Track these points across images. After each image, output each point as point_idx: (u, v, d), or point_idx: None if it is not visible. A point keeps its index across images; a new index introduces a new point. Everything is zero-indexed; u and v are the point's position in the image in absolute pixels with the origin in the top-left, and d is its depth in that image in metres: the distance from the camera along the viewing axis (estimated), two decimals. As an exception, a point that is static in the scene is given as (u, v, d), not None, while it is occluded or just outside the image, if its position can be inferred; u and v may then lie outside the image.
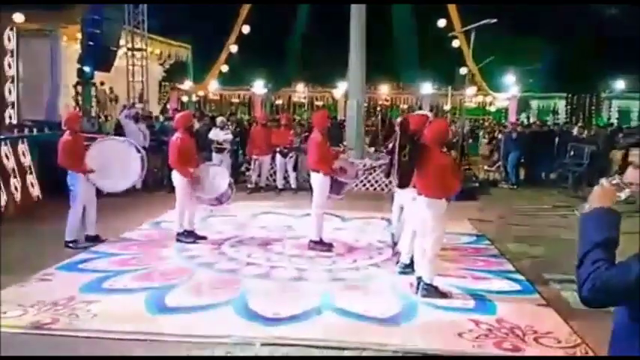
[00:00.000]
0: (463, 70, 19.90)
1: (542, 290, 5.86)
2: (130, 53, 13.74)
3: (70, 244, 6.90)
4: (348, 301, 5.26)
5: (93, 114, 13.12)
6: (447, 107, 25.76)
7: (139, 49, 13.94)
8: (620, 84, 27.44)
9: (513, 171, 13.98)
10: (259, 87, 28.91)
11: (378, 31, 23.15)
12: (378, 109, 28.68)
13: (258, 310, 4.94)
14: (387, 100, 30.10)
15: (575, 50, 25.86)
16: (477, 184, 13.14)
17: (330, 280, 5.92)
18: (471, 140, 19.11)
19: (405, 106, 28.87)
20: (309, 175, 7.38)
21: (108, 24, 11.34)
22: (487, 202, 11.79)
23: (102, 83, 16.01)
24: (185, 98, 26.81)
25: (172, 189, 7.25)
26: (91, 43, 11.09)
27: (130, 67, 13.75)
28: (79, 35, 11.60)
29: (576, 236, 2.02)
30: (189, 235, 7.12)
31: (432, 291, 5.44)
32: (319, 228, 7.02)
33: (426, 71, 26.21)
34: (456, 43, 22.16)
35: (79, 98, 12.84)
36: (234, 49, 25.14)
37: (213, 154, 11.88)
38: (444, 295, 5.47)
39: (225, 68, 26.20)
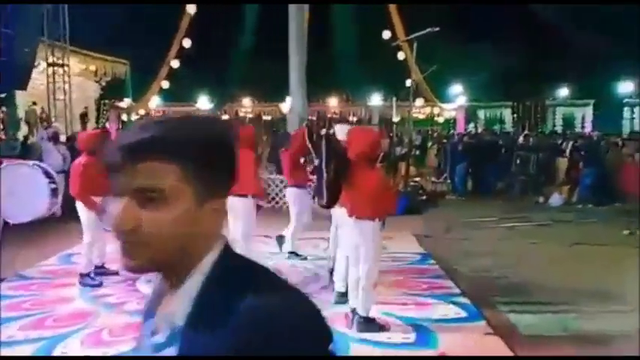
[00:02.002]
0: (409, 82, 19.67)
1: (489, 315, 5.33)
2: (50, 69, 12.75)
3: None
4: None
5: (20, 136, 12.09)
6: (396, 119, 25.59)
7: (61, 65, 12.97)
8: (564, 91, 27.87)
9: (461, 182, 13.66)
10: (204, 102, 28.14)
11: (321, 42, 22.85)
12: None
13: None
14: (335, 114, 29.79)
15: (519, 58, 26.09)
16: (423, 197, 12.75)
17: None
18: (418, 152, 18.80)
19: (354, 119, 28.61)
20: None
21: (22, 38, 10.41)
22: (434, 215, 11.37)
23: (34, 103, 14.97)
24: (125, 117, 25.74)
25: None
26: (2, 59, 10.14)
27: (51, 85, 12.76)
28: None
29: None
30: (98, 273, 6.25)
31: (369, 324, 4.83)
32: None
33: (373, 83, 26.03)
34: (401, 55, 22.04)
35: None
36: (175, 64, 24.32)
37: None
38: (381, 327, 4.87)
39: (166, 84, 25.32)
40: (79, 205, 6.04)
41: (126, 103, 24.42)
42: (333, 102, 28.54)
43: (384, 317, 5.14)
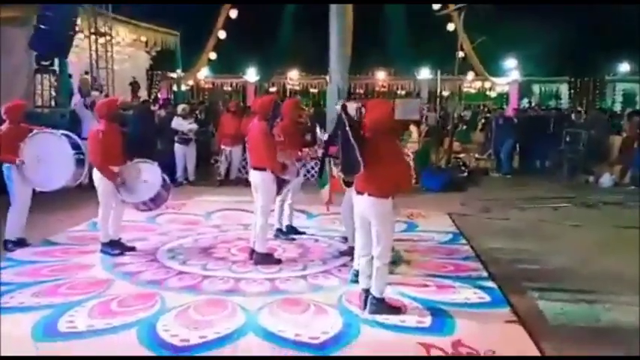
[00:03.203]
0: (459, 54, 18.98)
1: (515, 302, 5.00)
2: (92, 38, 12.82)
3: (9, 245, 6.28)
4: (280, 320, 4.42)
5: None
6: (445, 93, 24.87)
7: (103, 34, 13.02)
8: (624, 66, 26.30)
9: (507, 159, 13.07)
10: (252, 74, 28.03)
11: (370, 14, 22.26)
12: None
13: (166, 336, 4.12)
14: (383, 87, 29.22)
15: (577, 31, 24.70)
16: (465, 174, 12.28)
17: (268, 293, 5.07)
18: (465, 127, 18.16)
19: (403, 92, 27.99)
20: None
21: (61, 6, 10.43)
22: (474, 193, 10.91)
23: (86, 72, 15.17)
24: (175, 87, 25.96)
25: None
26: (42, 26, 10.22)
27: (94, 53, 12.84)
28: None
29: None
30: (115, 246, 6.21)
31: (381, 306, 4.59)
32: (265, 239, 6.05)
33: (422, 56, 25.27)
34: (451, 27, 21.26)
35: (40, 87, 11.96)
36: (222, 34, 24.20)
37: (176, 146, 11.06)
38: (395, 310, 4.63)
39: (213, 56, 25.29)
40: (96, 175, 5.99)
41: (176, 74, 24.57)
42: (380, 75, 27.95)
43: (400, 299, 4.89)
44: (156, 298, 4.84)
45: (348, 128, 4.35)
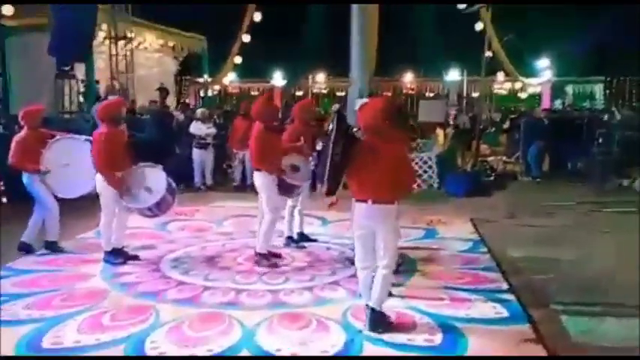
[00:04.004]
0: (486, 54, 18.46)
1: (537, 317, 4.61)
2: (112, 42, 12.79)
3: (55, 247, 6.33)
4: (278, 337, 4.13)
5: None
6: (475, 94, 24.29)
7: (123, 38, 12.98)
8: (663, 65, 25.26)
9: (536, 162, 12.53)
10: (279, 78, 27.92)
11: (397, 16, 21.91)
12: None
13: (153, 354, 3.87)
14: (411, 89, 28.77)
15: (613, 31, 23.82)
16: (491, 178, 11.81)
17: (269, 306, 4.78)
18: (494, 129, 17.58)
19: (431, 94, 27.50)
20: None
21: (79, 10, 10.39)
22: (501, 197, 10.46)
23: (112, 78, 15.22)
24: (202, 92, 26.01)
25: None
26: (61, 30, 10.18)
27: (114, 58, 12.81)
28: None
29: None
30: (119, 255, 6.00)
31: (381, 320, 4.24)
32: (268, 237, 5.87)
33: (450, 57, 24.76)
34: (479, 26, 20.75)
35: (62, 92, 11.98)
36: (246, 38, 24.10)
37: (194, 150, 10.90)
38: (396, 327, 4.26)
39: (238, 60, 25.22)
40: (99, 180, 5.80)
41: (203, 79, 24.61)
42: (408, 77, 27.52)
43: (409, 313, 4.55)
44: (150, 311, 4.60)
45: (333, 134, 3.99)
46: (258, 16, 22.74)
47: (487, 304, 4.83)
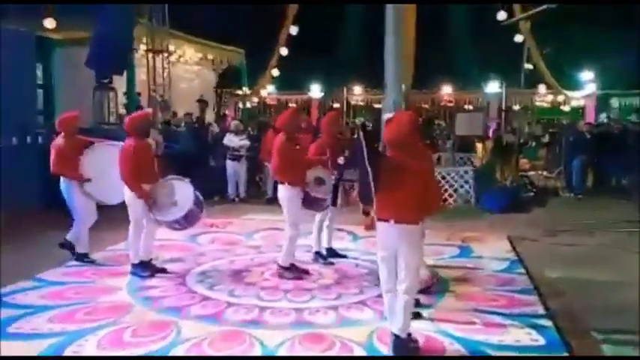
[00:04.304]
0: (525, 66, 18.05)
1: (575, 345, 4.33)
2: (152, 55, 12.97)
3: (85, 258, 6.41)
4: (299, 360, 3.99)
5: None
6: (516, 107, 23.78)
7: (162, 51, 13.15)
8: None
9: (578, 177, 12.07)
10: (316, 90, 27.93)
11: (435, 27, 21.65)
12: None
13: (171, 373, 3.78)
14: (450, 102, 28.36)
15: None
16: (531, 194, 11.42)
17: (292, 326, 4.63)
18: (534, 143, 17.10)
19: (470, 107, 27.03)
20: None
21: (117, 23, 10.55)
22: (541, 214, 10.09)
23: (154, 91, 15.50)
24: (241, 105, 26.22)
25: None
26: (98, 44, 10.35)
27: (151, 71, 12.98)
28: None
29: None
30: (146, 268, 5.95)
31: (403, 347, 4.03)
32: (290, 252, 5.79)
33: (489, 69, 24.31)
34: (519, 38, 20.35)
35: (100, 104, 12.18)
36: (284, 51, 24.22)
37: (228, 162, 10.90)
38: (417, 352, 4.07)
39: (276, 72, 25.36)
40: (127, 192, 5.78)
41: (242, 91, 24.81)
42: (447, 89, 27.17)
43: (439, 338, 4.33)
44: (171, 327, 4.51)
45: (364, 150, 3.84)
46: (294, 30, 22.85)
47: (522, 330, 4.56)
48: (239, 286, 5.66)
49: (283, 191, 5.81)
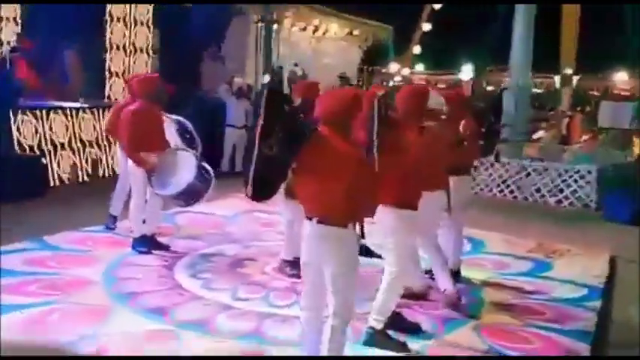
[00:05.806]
0: None
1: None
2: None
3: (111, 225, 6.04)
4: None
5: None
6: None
7: (272, 21, 12.87)
8: None
9: None
10: (467, 71, 26.00)
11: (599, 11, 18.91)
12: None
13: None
14: (625, 90, 24.85)
15: None
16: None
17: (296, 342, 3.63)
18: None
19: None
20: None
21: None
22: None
23: (295, 64, 15.48)
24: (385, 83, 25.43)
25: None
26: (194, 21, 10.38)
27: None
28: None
29: None
30: (147, 242, 5.39)
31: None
32: (293, 242, 4.74)
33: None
34: None
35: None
36: (426, 27, 22.81)
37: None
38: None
39: (417, 49, 24.03)
40: (130, 160, 5.29)
41: (388, 68, 23.98)
42: (621, 76, 23.75)
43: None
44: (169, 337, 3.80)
45: (260, 122, 2.79)
46: (437, 5, 21.34)
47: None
48: (234, 281, 4.89)
49: None
